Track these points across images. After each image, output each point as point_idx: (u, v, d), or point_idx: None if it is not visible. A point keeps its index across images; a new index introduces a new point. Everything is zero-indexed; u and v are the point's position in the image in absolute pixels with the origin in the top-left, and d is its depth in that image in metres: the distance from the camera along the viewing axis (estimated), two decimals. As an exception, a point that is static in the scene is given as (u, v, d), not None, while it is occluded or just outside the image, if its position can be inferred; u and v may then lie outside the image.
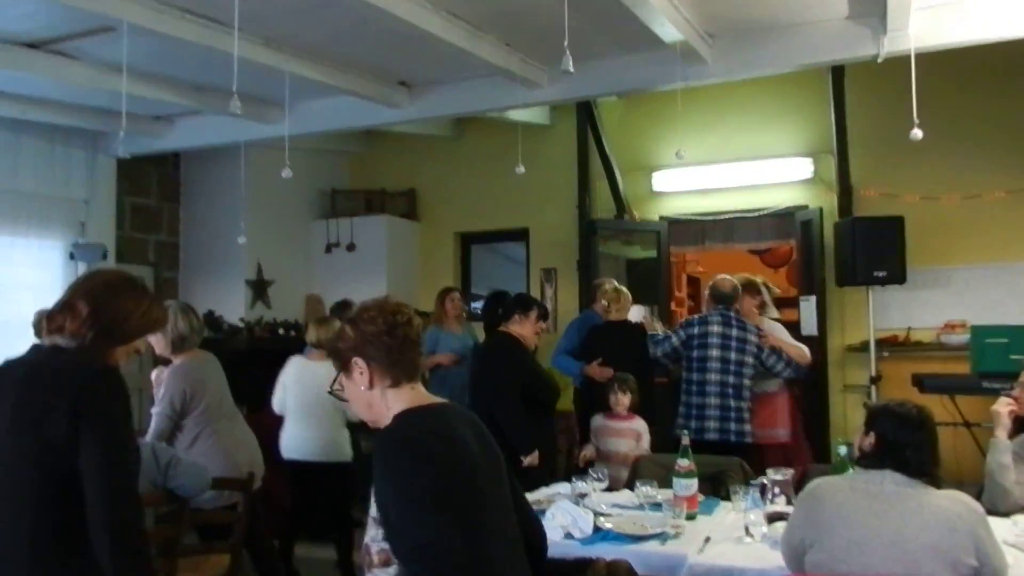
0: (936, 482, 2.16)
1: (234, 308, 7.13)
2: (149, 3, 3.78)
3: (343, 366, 1.92)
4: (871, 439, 2.23)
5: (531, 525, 2.05)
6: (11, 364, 2.08)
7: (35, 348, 2.12)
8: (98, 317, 2.04)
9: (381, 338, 1.86)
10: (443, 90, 5.36)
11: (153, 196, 7.37)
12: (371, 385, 1.88)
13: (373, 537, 1.80)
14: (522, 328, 4.34)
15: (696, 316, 4.99)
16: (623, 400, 4.38)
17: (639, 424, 4.41)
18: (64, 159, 6.33)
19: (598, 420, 4.46)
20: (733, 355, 4.73)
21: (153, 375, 4.18)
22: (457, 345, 6.04)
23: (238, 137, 6.00)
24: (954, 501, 2.11)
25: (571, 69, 2.62)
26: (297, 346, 6.20)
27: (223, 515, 3.88)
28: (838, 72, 6.24)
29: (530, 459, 4.13)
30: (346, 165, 8.52)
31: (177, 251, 7.58)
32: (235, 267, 7.25)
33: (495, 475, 1.90)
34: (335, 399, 4.58)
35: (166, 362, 4.06)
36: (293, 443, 4.86)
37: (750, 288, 5.19)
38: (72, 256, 6.23)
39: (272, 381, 5.00)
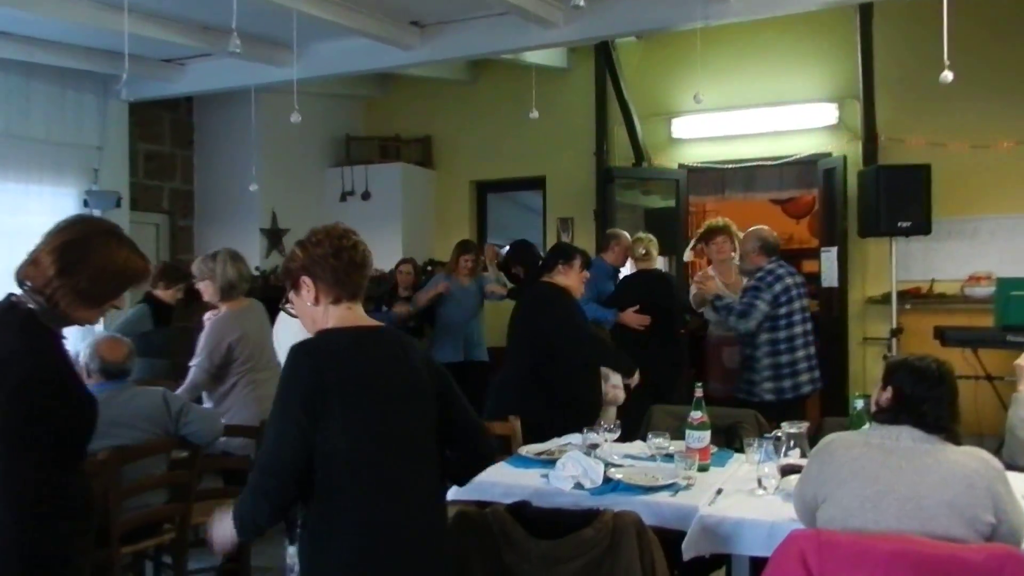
0: (954, 438, 2.09)
1: (250, 256, 7.01)
2: (150, -62, 3.67)
3: (293, 284, 2.08)
4: (888, 393, 2.16)
5: (471, 434, 2.16)
6: None
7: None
8: (65, 278, 1.99)
9: (327, 260, 2.02)
10: (456, 30, 5.21)
11: (166, 142, 7.31)
12: (316, 302, 2.04)
13: None
14: (567, 278, 4.13)
15: (765, 274, 4.54)
16: None
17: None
18: (76, 104, 6.25)
19: None
20: (805, 302, 4.64)
21: (205, 319, 4.20)
22: (459, 294, 6.22)
23: (248, 81, 5.90)
24: (972, 457, 2.04)
25: (581, 3, 2.49)
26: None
27: (246, 462, 3.90)
28: (866, 12, 5.99)
29: (636, 378, 4.19)
30: (361, 111, 8.40)
31: (192, 199, 7.54)
32: (250, 215, 7.22)
33: (400, 391, 2.00)
34: None
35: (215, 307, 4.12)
36: None
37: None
38: (86, 203, 6.21)
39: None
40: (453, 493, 2.92)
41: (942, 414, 2.08)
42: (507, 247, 6.95)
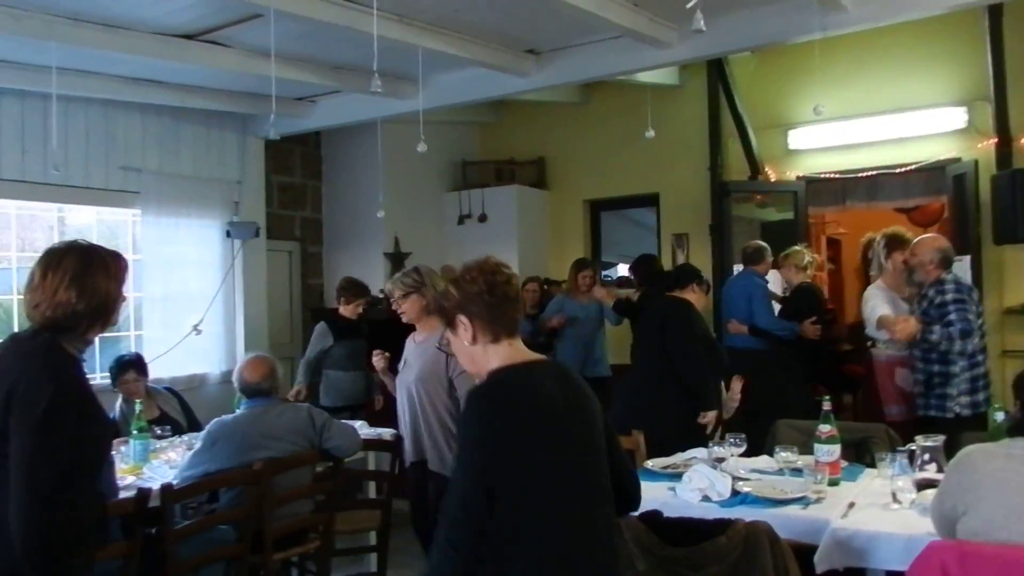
0: None
1: (375, 279, 7.46)
2: (291, -12, 3.98)
3: (449, 323, 2.06)
4: (1018, 406, 2.12)
5: (625, 476, 2.11)
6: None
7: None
8: (85, 303, 2.11)
9: (482, 296, 1.99)
10: (571, 56, 5.34)
11: (297, 174, 7.78)
12: (474, 340, 2.01)
13: None
14: (697, 297, 4.50)
15: (958, 286, 4.24)
16: None
17: None
18: (219, 142, 6.78)
19: None
20: (980, 309, 4.39)
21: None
22: (580, 313, 6.34)
23: (375, 114, 6.23)
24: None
25: (703, 28, 2.57)
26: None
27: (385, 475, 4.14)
28: (995, 11, 5.75)
29: (710, 416, 4.27)
30: (476, 136, 8.68)
31: (320, 226, 7.99)
32: (374, 240, 7.56)
33: (588, 431, 1.97)
34: None
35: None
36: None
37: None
38: (228, 234, 6.69)
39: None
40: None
41: None
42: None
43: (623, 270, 8.21)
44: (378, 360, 4.05)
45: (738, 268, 6.43)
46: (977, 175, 6.23)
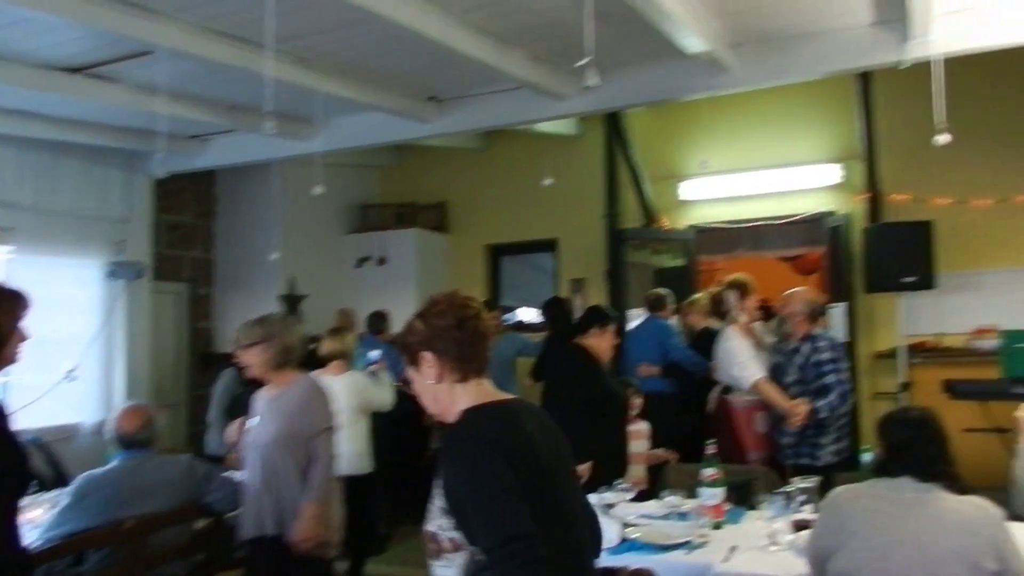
0: (952, 483, 2.18)
1: (268, 322, 7.27)
2: (184, 27, 3.90)
3: (411, 359, 1.91)
4: (881, 447, 2.26)
5: (591, 520, 2.03)
6: None
7: None
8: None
9: (451, 332, 1.86)
10: (472, 104, 5.43)
11: (189, 213, 7.54)
12: (439, 379, 1.87)
13: (440, 526, 1.81)
14: (600, 341, 4.19)
15: (829, 343, 4.40)
16: (637, 403, 4.52)
17: (644, 426, 4.59)
18: (102, 179, 6.49)
19: None
20: (847, 363, 4.54)
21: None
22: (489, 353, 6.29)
23: (272, 155, 6.13)
24: (973, 506, 2.13)
25: (596, 83, 2.67)
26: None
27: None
28: (865, 76, 6.22)
29: (581, 469, 4.02)
30: (377, 179, 8.65)
31: (212, 267, 7.74)
32: (269, 282, 7.38)
33: (563, 469, 1.90)
34: (351, 414, 4.54)
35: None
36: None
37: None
38: (112, 274, 6.39)
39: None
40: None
41: (931, 460, 2.17)
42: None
43: (523, 314, 8.29)
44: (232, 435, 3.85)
45: (638, 313, 6.59)
46: (850, 227, 6.64)
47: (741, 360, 4.53)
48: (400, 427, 5.72)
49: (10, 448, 2.07)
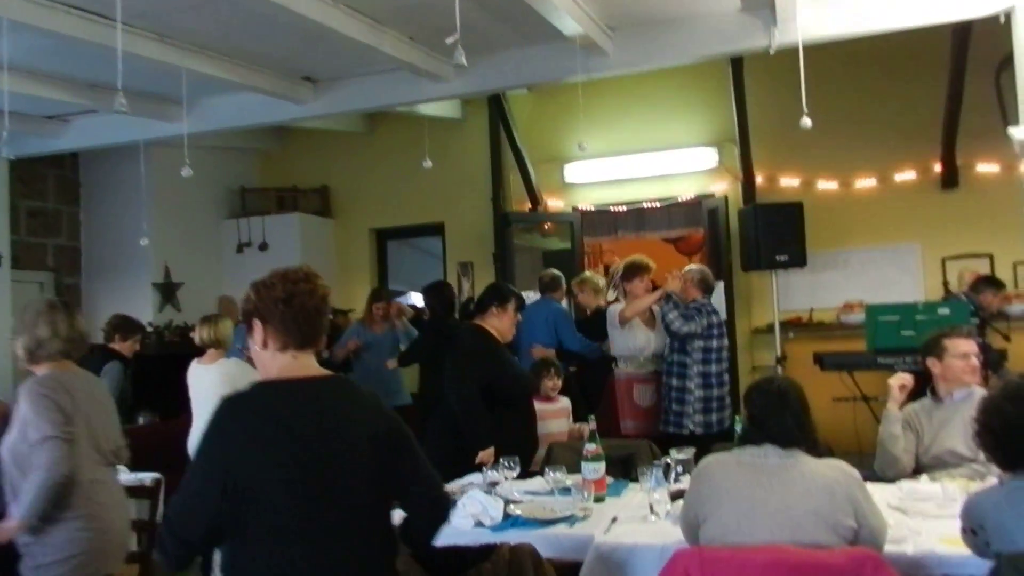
0: (813, 448, 2.29)
1: (142, 312, 6.91)
2: (31, -2, 3.64)
3: (247, 325, 2.03)
4: (746, 417, 2.35)
5: (413, 505, 2.08)
6: None
7: None
8: None
9: (277, 305, 1.96)
10: (349, 85, 5.31)
11: (51, 199, 7.09)
12: (264, 345, 1.99)
13: None
14: (500, 321, 4.07)
15: (703, 304, 4.77)
16: (557, 383, 4.47)
17: (566, 402, 4.54)
18: (-50, 162, 6.03)
19: (536, 405, 4.31)
20: (725, 341, 4.86)
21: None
22: (374, 341, 6.27)
23: (137, 136, 5.82)
24: (832, 468, 2.24)
25: (463, 62, 2.64)
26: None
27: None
28: (737, 63, 6.44)
29: (484, 455, 3.84)
30: (257, 163, 8.36)
31: (79, 255, 7.32)
32: (141, 270, 7.05)
33: (325, 447, 1.90)
34: None
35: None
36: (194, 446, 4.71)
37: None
38: (-38, 263, 5.94)
39: (185, 385, 4.87)
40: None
41: (789, 428, 2.27)
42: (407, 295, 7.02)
43: (414, 298, 8.21)
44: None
45: (530, 296, 6.60)
46: (727, 209, 6.89)
47: (612, 311, 4.90)
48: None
49: None
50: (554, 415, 4.41)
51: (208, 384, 4.51)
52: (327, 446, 1.89)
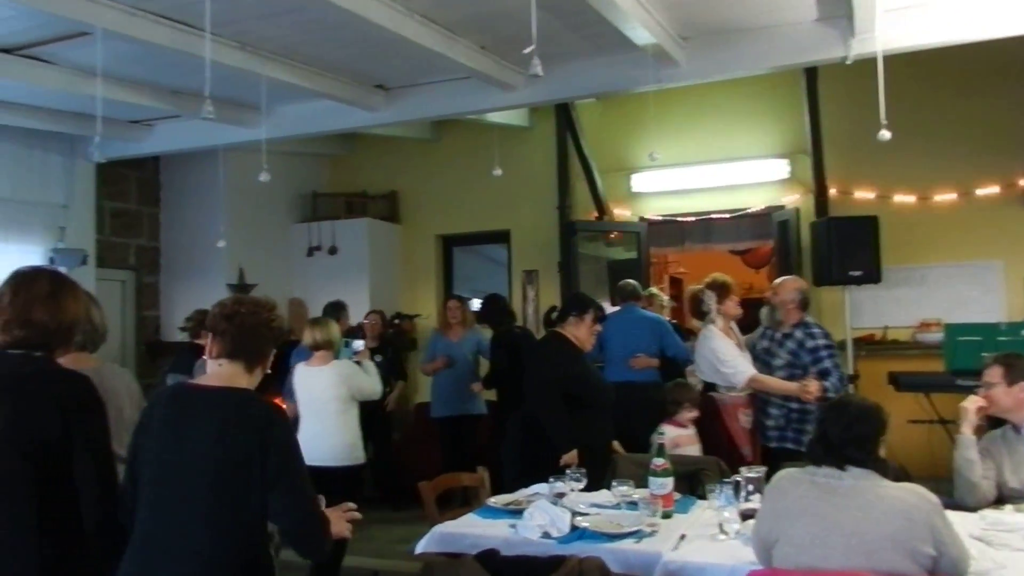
0: (889, 471, 2.21)
1: (216, 312, 7.12)
2: (122, 8, 3.78)
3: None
4: (820, 435, 2.29)
5: (279, 515, 2.16)
6: None
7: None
8: (59, 323, 2.20)
9: (220, 321, 2.29)
10: (420, 93, 5.37)
11: (132, 200, 7.35)
12: (209, 355, 2.31)
13: None
14: (577, 330, 4.18)
15: (821, 331, 4.42)
16: (695, 413, 4.34)
17: (694, 431, 4.37)
18: (42, 164, 6.30)
19: (670, 430, 4.21)
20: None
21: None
22: (451, 350, 6.35)
23: (216, 141, 5.99)
24: (909, 492, 2.16)
25: (539, 73, 2.65)
26: (280, 350, 6.24)
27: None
28: (812, 73, 6.31)
29: (568, 457, 3.94)
30: (327, 168, 8.53)
31: (158, 255, 7.56)
32: (217, 271, 7.23)
33: (176, 444, 2.13)
34: (340, 403, 4.37)
35: None
36: (304, 448, 4.73)
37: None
38: (52, 261, 6.19)
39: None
40: (422, 546, 2.97)
41: (865, 449, 2.20)
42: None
43: (477, 305, 8.27)
44: None
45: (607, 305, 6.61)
46: (799, 222, 6.74)
47: (728, 359, 4.45)
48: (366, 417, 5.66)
49: None
50: (687, 442, 4.28)
51: (323, 386, 4.59)
52: (175, 441, 2.14)
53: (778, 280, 4.67)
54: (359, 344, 4.98)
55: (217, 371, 2.26)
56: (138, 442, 2.21)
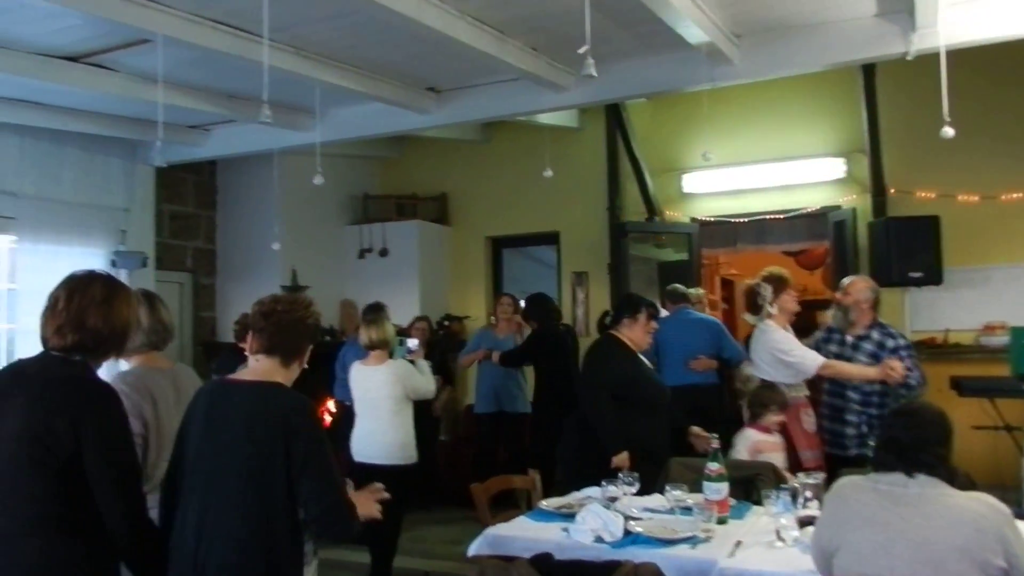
0: (956, 479, 2.14)
1: (270, 313, 7.24)
2: (182, 15, 3.87)
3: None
4: (885, 441, 2.22)
5: (306, 503, 2.21)
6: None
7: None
8: (111, 329, 2.22)
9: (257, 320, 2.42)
10: (471, 95, 5.39)
11: (190, 203, 7.52)
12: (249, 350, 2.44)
13: None
14: (632, 331, 4.17)
15: (896, 334, 4.31)
16: (781, 418, 4.15)
17: (780, 438, 4.18)
18: (104, 168, 6.47)
19: (754, 435, 4.12)
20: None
21: None
22: (496, 346, 6.36)
23: (271, 145, 6.10)
24: (979, 502, 2.08)
25: (593, 73, 2.63)
26: (332, 350, 6.32)
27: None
28: (869, 70, 6.16)
29: (618, 459, 3.91)
30: (378, 170, 8.61)
31: (214, 257, 7.72)
32: (271, 273, 7.35)
33: (213, 435, 2.26)
34: (395, 402, 4.43)
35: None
36: (358, 446, 4.77)
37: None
38: (114, 263, 6.36)
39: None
40: (474, 548, 2.97)
41: (931, 456, 2.12)
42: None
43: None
44: None
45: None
46: (855, 222, 6.60)
47: (794, 349, 4.26)
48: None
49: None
50: (771, 448, 4.13)
51: (379, 384, 4.66)
52: (211, 434, 2.26)
53: (848, 280, 4.49)
54: (414, 343, 5.02)
55: (254, 366, 2.36)
56: (182, 434, 2.33)
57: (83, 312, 2.16)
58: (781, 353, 4.28)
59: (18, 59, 4.46)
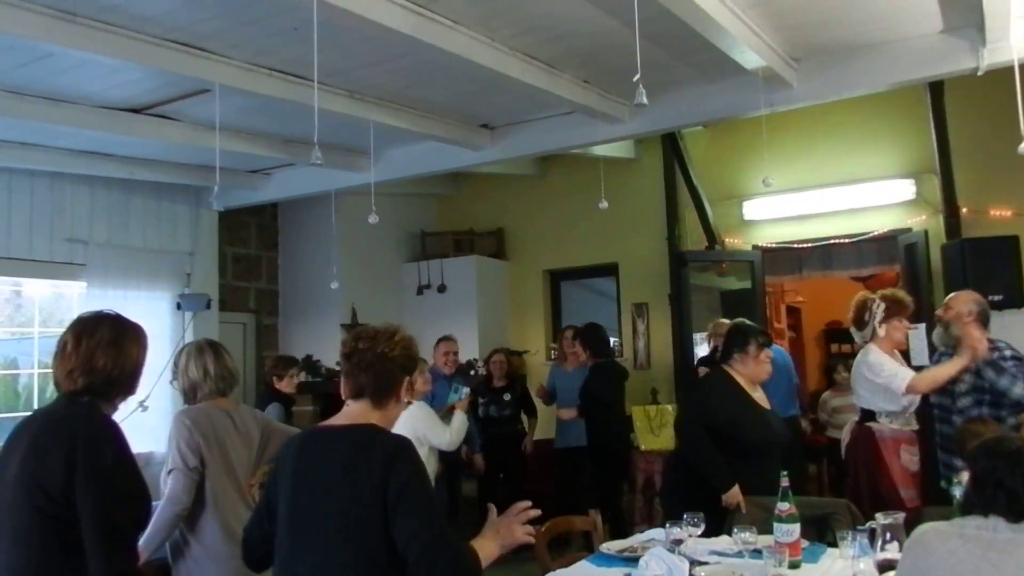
0: None
1: (332, 351, 7.31)
2: (238, 64, 3.98)
3: None
4: (969, 479, 2.04)
5: (405, 547, 2.01)
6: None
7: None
8: (119, 371, 2.20)
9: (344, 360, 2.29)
10: (524, 130, 5.39)
11: (253, 245, 7.69)
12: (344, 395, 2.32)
13: None
14: (744, 366, 3.87)
15: (1014, 353, 3.91)
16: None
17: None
18: (170, 214, 6.69)
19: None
20: None
21: None
22: (562, 383, 6.39)
23: (329, 186, 6.20)
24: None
25: (644, 102, 2.57)
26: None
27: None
28: (937, 88, 5.95)
29: (729, 496, 3.67)
30: (434, 207, 8.69)
31: (276, 298, 7.86)
32: (331, 311, 7.43)
33: (310, 481, 2.15)
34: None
35: None
36: None
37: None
38: (179, 306, 6.53)
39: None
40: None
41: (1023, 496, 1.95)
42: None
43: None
44: None
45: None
46: (927, 244, 6.33)
47: (884, 366, 3.99)
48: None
49: (137, 479, 2.15)
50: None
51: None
52: (307, 479, 2.14)
53: (950, 295, 4.17)
54: (465, 391, 4.89)
55: (345, 410, 2.22)
56: (272, 487, 2.21)
57: (92, 354, 2.15)
58: (873, 375, 4.02)
59: (86, 113, 4.64)
